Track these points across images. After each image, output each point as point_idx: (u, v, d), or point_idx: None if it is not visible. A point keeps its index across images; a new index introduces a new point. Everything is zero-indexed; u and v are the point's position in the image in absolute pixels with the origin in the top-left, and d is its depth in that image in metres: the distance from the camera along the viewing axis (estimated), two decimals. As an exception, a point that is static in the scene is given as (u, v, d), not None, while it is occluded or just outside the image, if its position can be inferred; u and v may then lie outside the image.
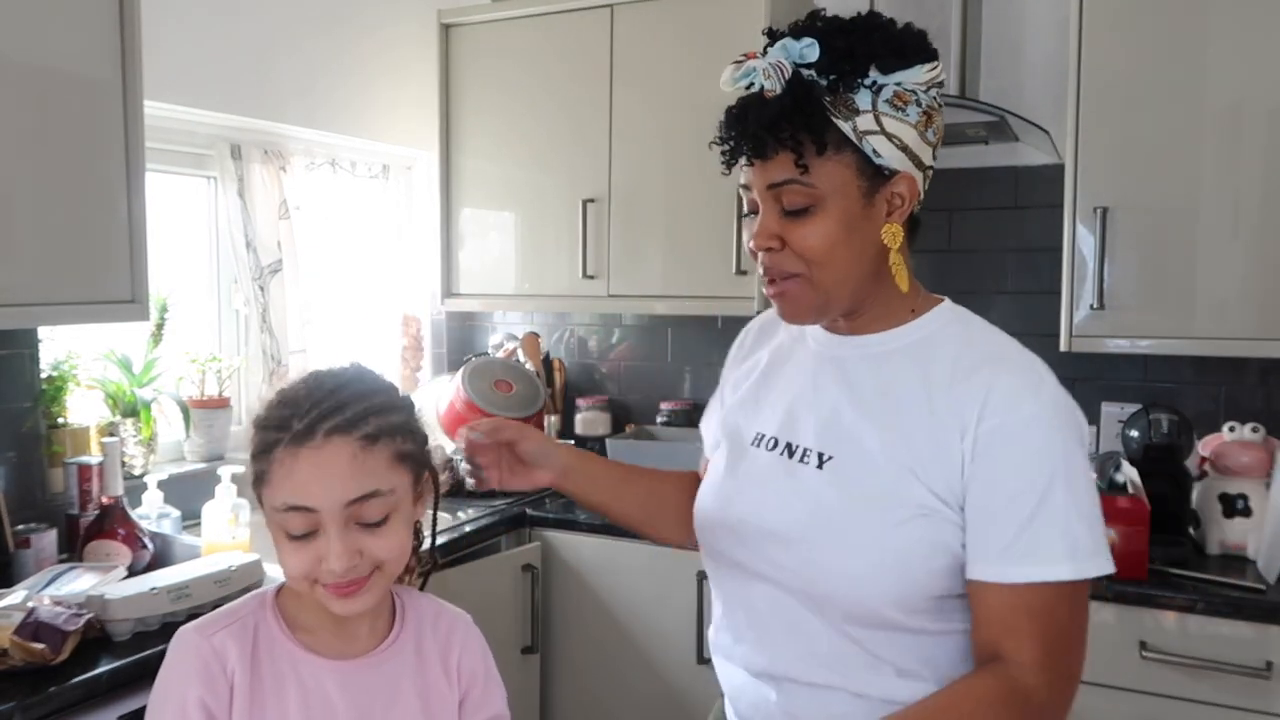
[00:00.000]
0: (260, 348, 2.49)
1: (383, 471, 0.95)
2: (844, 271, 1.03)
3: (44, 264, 1.68)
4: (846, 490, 1.03)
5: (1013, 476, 0.97)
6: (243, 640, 0.97)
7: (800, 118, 0.97)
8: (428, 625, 1.06)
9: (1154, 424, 2.17)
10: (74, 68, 1.70)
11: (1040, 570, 0.95)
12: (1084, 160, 2.13)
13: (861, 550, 1.00)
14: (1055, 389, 1.01)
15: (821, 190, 1.00)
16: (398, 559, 0.98)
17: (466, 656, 1.06)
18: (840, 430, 1.06)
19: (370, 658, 1.01)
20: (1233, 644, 1.82)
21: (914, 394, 1.03)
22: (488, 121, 2.79)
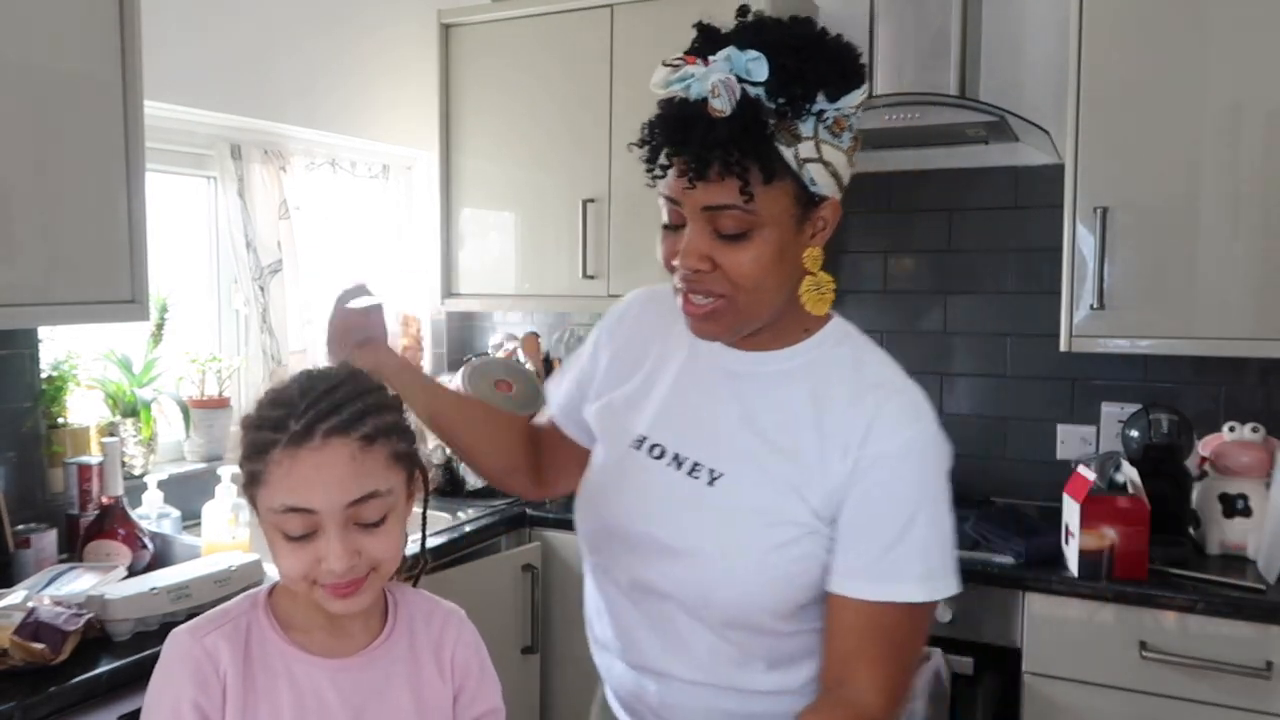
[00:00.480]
0: (260, 348, 2.49)
1: (381, 472, 0.94)
2: (769, 296, 1.03)
3: (44, 264, 1.68)
4: (737, 509, 1.05)
5: (884, 500, 1.02)
6: (235, 641, 0.97)
7: (749, 143, 0.94)
8: (420, 621, 1.05)
9: (1154, 424, 2.17)
10: (74, 68, 1.70)
11: (896, 590, 1.00)
12: (1084, 160, 2.13)
13: (749, 567, 1.04)
14: (930, 420, 1.05)
15: (761, 217, 0.98)
16: (393, 559, 0.98)
17: (460, 651, 1.05)
18: (733, 448, 1.07)
19: (363, 655, 1.00)
20: (1233, 644, 1.82)
21: (803, 415, 1.05)
22: (488, 121, 2.79)
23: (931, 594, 1.02)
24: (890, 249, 2.67)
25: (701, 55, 0.96)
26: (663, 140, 0.99)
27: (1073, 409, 2.49)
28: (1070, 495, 1.99)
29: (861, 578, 1.01)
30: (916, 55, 2.34)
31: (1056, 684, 1.96)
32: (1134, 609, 1.88)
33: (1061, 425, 2.49)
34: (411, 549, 1.08)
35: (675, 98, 0.98)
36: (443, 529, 2.25)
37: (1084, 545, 1.92)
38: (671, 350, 1.16)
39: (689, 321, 1.05)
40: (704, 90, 0.94)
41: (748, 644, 1.08)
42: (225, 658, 0.96)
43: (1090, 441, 2.46)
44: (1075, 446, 2.47)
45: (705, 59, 0.95)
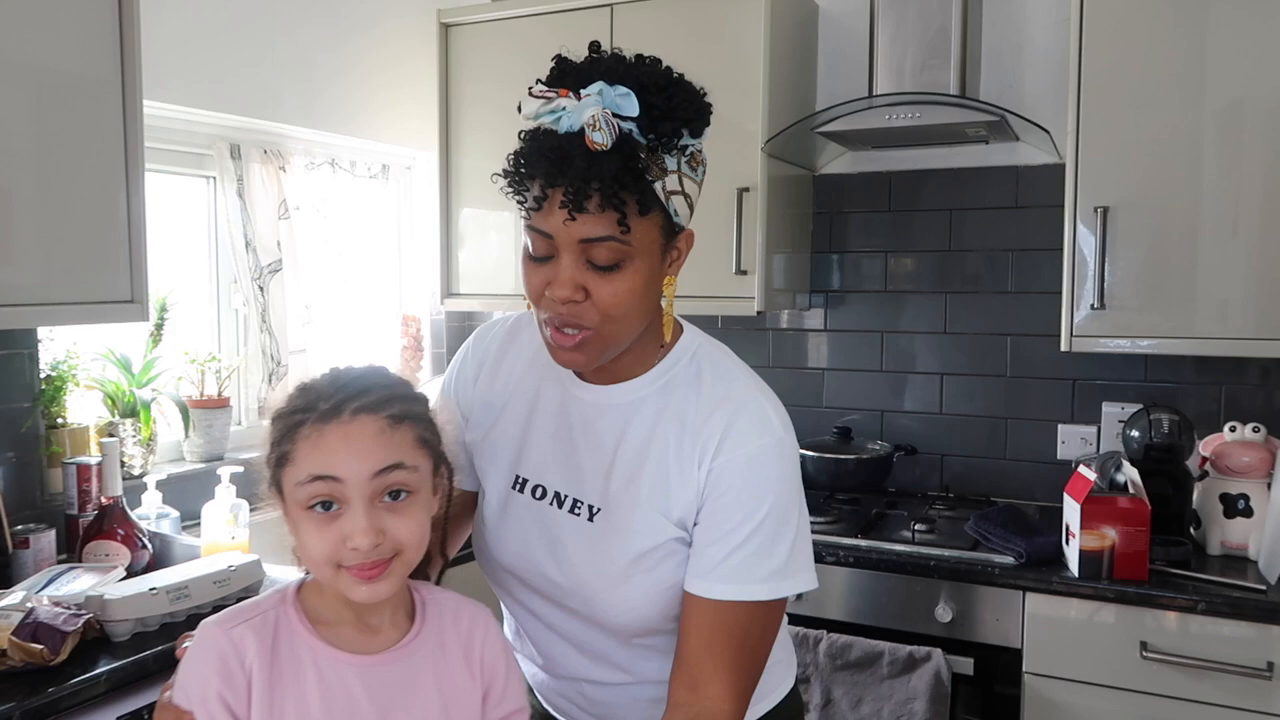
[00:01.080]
0: (260, 348, 2.49)
1: (407, 449, 0.95)
2: (634, 325, 1.06)
3: (44, 264, 1.68)
4: (618, 539, 1.09)
5: (734, 506, 1.06)
6: (262, 635, 0.97)
7: (628, 176, 0.96)
8: (449, 620, 1.04)
9: (1155, 424, 2.17)
10: (73, 67, 1.70)
11: (743, 590, 1.05)
12: (1084, 160, 2.13)
13: (637, 589, 1.09)
14: (778, 427, 1.08)
15: (635, 248, 1.00)
16: (417, 545, 0.97)
17: (488, 650, 1.04)
18: (607, 481, 1.11)
19: (392, 653, 0.99)
20: (1234, 644, 1.82)
21: (664, 438, 1.09)
22: (487, 121, 2.79)
23: (773, 593, 1.06)
24: (890, 249, 2.67)
25: (570, 88, 0.98)
26: (538, 172, 0.99)
27: (1073, 409, 2.49)
28: (1071, 495, 1.99)
29: (712, 578, 1.05)
30: (916, 55, 2.34)
31: (1056, 684, 1.96)
32: (1134, 609, 1.88)
33: (1062, 425, 2.49)
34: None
35: (541, 129, 1.00)
36: (442, 529, 2.25)
37: (1084, 545, 1.92)
38: (538, 385, 1.18)
39: (555, 353, 1.07)
40: (578, 123, 0.96)
41: (660, 644, 1.13)
42: (251, 651, 0.95)
43: (1091, 441, 2.46)
44: (1076, 446, 2.47)
45: (576, 93, 0.97)
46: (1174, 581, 1.90)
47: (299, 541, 0.97)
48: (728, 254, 2.46)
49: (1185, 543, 2.02)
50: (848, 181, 2.70)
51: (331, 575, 0.95)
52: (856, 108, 2.31)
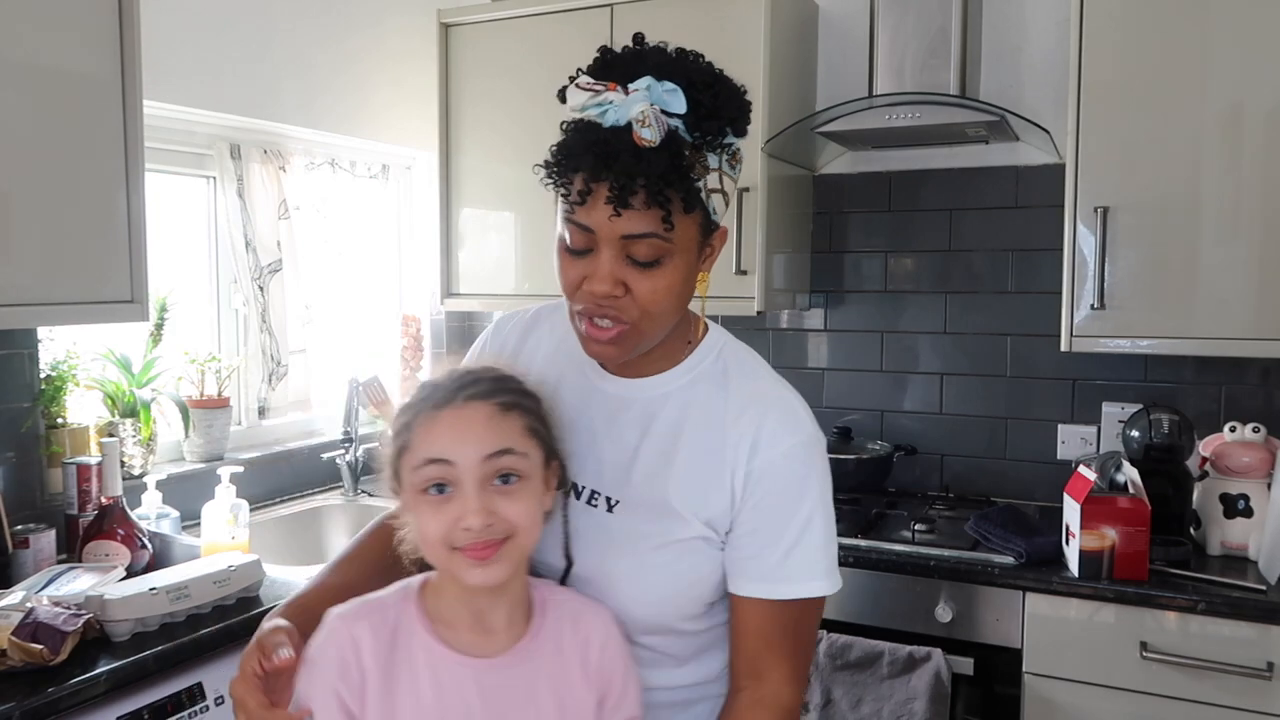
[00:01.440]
0: (260, 347, 2.49)
1: (517, 436, 0.97)
2: (670, 321, 1.06)
3: (44, 264, 1.68)
4: (637, 531, 1.08)
5: (779, 507, 1.06)
6: (380, 633, 0.98)
7: (674, 175, 0.96)
8: (567, 623, 1.03)
9: (1154, 424, 2.17)
10: (74, 67, 1.70)
11: (797, 588, 1.06)
12: (1084, 160, 2.13)
13: (655, 582, 1.08)
14: (809, 423, 1.10)
15: (675, 246, 1.00)
16: (529, 530, 0.98)
17: (607, 655, 1.03)
18: (630, 474, 1.10)
19: (508, 655, 0.99)
20: (1234, 644, 1.81)
21: (694, 434, 1.09)
22: (488, 121, 2.79)
23: (831, 587, 1.08)
24: (890, 249, 2.67)
25: (617, 82, 0.97)
26: (582, 165, 0.98)
27: (1073, 409, 2.49)
28: (1071, 495, 1.99)
29: (769, 580, 1.06)
30: (916, 55, 2.34)
31: (1056, 684, 1.96)
32: (1134, 609, 1.88)
33: (1062, 425, 2.49)
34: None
35: (585, 121, 0.99)
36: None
37: (1084, 545, 1.92)
38: (558, 376, 1.17)
39: (589, 345, 1.06)
40: (625, 118, 0.95)
41: (661, 646, 1.12)
42: (367, 649, 0.97)
43: (1091, 441, 2.46)
44: (1076, 446, 2.47)
45: (624, 87, 0.97)
46: (1174, 582, 1.90)
47: (418, 527, 0.98)
48: (728, 254, 2.46)
49: (1185, 543, 2.02)
50: (848, 181, 2.70)
51: (446, 558, 0.96)
52: (856, 108, 2.31)
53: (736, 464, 1.06)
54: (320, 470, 2.62)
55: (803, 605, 1.07)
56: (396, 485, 1.00)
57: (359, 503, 2.57)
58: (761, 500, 1.06)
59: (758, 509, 1.06)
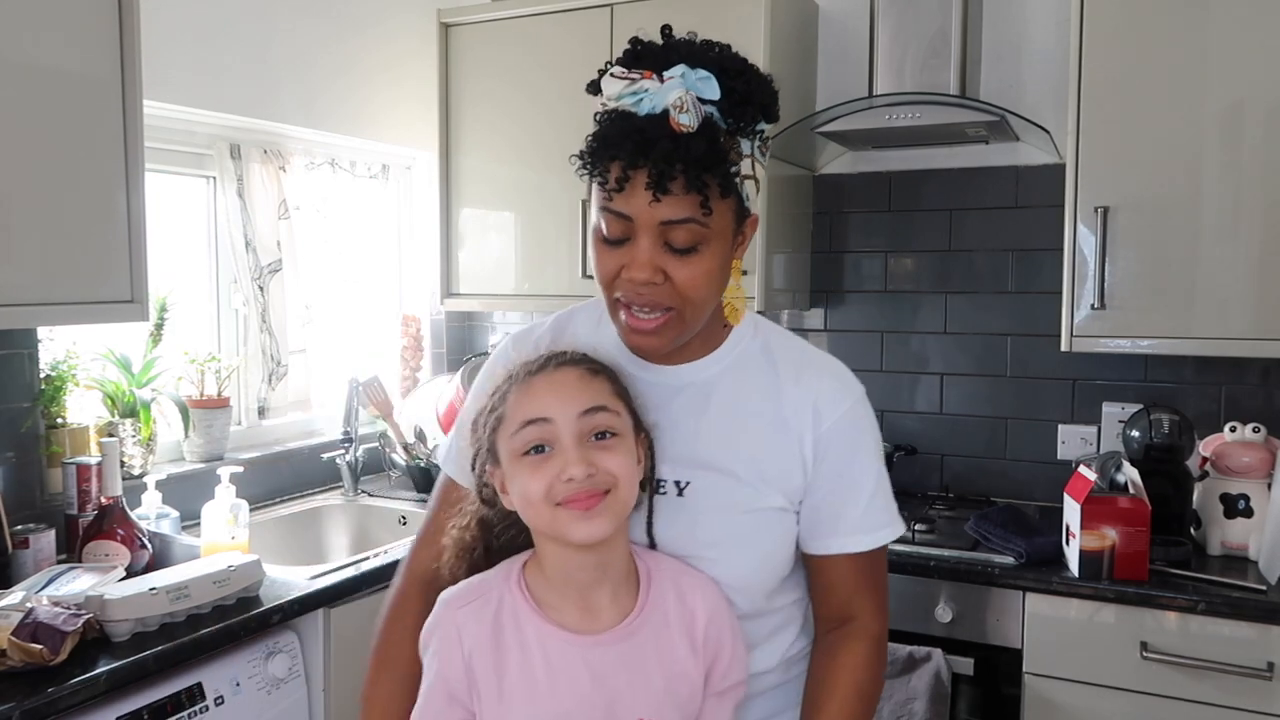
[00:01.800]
0: (260, 347, 2.49)
1: (609, 397, 1.00)
2: (708, 307, 1.07)
3: (44, 264, 1.68)
4: (711, 509, 1.09)
5: (851, 464, 1.12)
6: (482, 617, 1.00)
7: (712, 159, 0.97)
8: (671, 594, 1.03)
9: (1155, 424, 2.17)
10: (73, 68, 1.70)
11: (880, 535, 1.13)
12: (1084, 160, 2.13)
13: (736, 558, 1.09)
14: (856, 381, 1.16)
15: (712, 231, 1.01)
16: (628, 484, 0.99)
17: (713, 626, 1.04)
18: (694, 454, 1.10)
19: (615, 632, 1.00)
20: (1234, 645, 1.81)
21: (753, 408, 1.11)
22: (487, 121, 2.79)
23: (902, 527, 1.16)
24: (890, 249, 2.67)
25: (652, 70, 0.98)
26: (620, 154, 0.98)
27: (1073, 409, 2.48)
28: (1071, 495, 1.99)
29: (853, 533, 1.12)
30: (916, 55, 2.34)
31: (1056, 684, 1.96)
32: (1135, 609, 1.88)
33: (1062, 425, 2.49)
34: None
35: (619, 111, 1.00)
36: (442, 529, 2.25)
37: (1085, 545, 1.92)
38: None
39: (631, 336, 1.06)
40: (661, 105, 0.97)
41: (751, 633, 1.12)
42: (470, 634, 0.99)
43: (1091, 441, 2.46)
44: (1076, 446, 2.47)
45: (659, 75, 0.98)
46: (1174, 582, 1.90)
47: (518, 493, 0.99)
48: (728, 254, 2.47)
49: (1185, 543, 2.02)
50: (848, 181, 2.70)
51: (550, 517, 0.97)
52: (856, 108, 2.31)
53: (802, 432, 1.10)
54: (320, 470, 2.62)
55: (881, 550, 1.14)
56: (494, 465, 1.02)
57: (359, 503, 2.57)
58: (834, 462, 1.10)
59: (832, 471, 1.10)
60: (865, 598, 1.14)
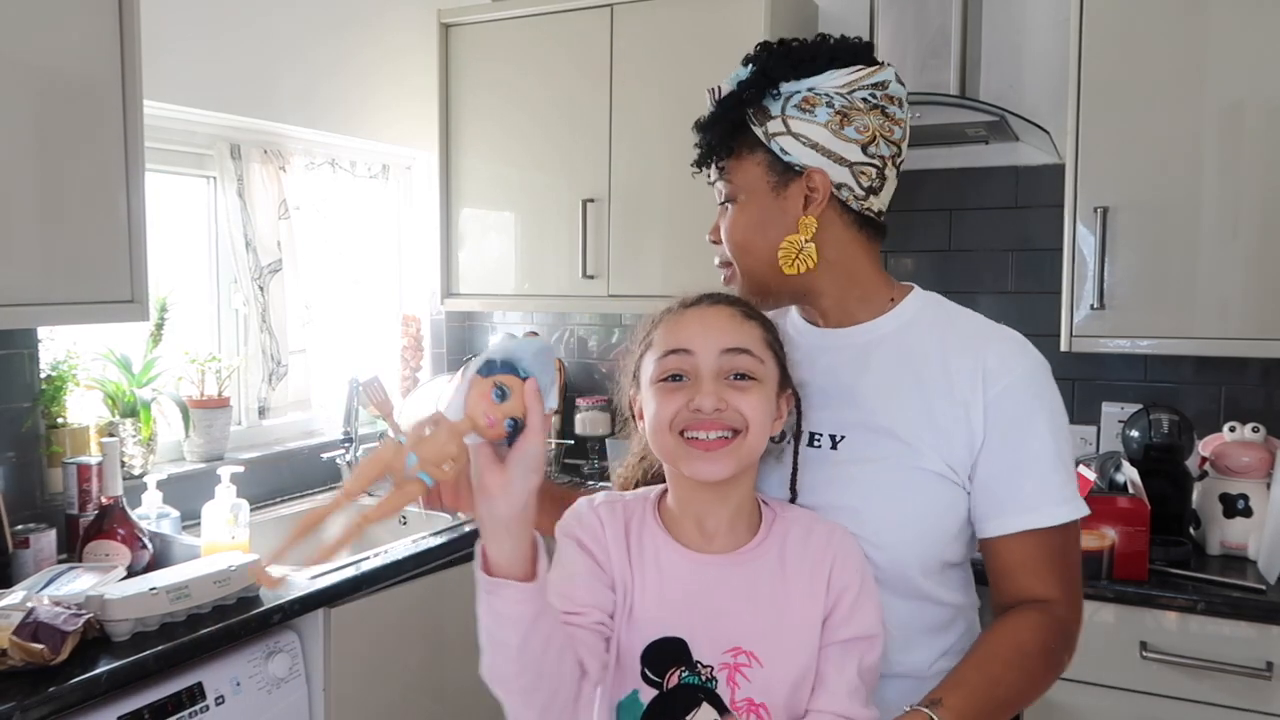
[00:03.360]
0: (260, 347, 2.49)
1: (756, 342, 1.02)
2: (760, 257, 1.12)
3: (44, 264, 1.68)
4: (867, 461, 1.08)
5: (1027, 432, 1.06)
6: (618, 517, 1.04)
7: (720, 128, 1.13)
8: (795, 538, 1.03)
9: (1154, 424, 2.17)
10: (74, 68, 1.70)
11: (1063, 511, 1.05)
12: (1084, 160, 2.13)
13: (889, 513, 1.06)
14: (1034, 349, 1.11)
15: (738, 187, 1.13)
16: (759, 428, 1.00)
17: (839, 570, 1.01)
18: (847, 412, 1.10)
19: (729, 556, 1.02)
20: (1233, 644, 1.82)
21: (920, 369, 1.09)
22: (487, 121, 2.79)
23: (1084, 507, 1.07)
24: (890, 249, 2.66)
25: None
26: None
27: (1073, 409, 2.49)
28: (1070, 495, 1.99)
29: (1036, 508, 1.05)
30: (916, 55, 2.34)
31: (1056, 684, 1.94)
32: (1134, 609, 1.88)
33: (1062, 425, 2.49)
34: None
35: None
36: (442, 529, 2.25)
37: (1084, 545, 1.91)
38: None
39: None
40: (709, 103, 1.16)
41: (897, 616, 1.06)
42: (610, 530, 1.03)
43: (1090, 441, 2.46)
44: (1075, 446, 2.47)
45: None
46: (1174, 581, 1.90)
47: (649, 418, 1.02)
48: (728, 254, 2.47)
49: (1185, 543, 2.02)
50: (848, 181, 2.70)
51: (673, 445, 1.00)
52: (856, 108, 2.31)
53: (971, 399, 1.06)
54: (320, 470, 2.62)
55: (1066, 530, 1.06)
56: (634, 389, 1.07)
57: (359, 502, 2.57)
58: (1007, 430, 1.06)
59: (1006, 439, 1.06)
60: (1052, 584, 1.05)
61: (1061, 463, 1.07)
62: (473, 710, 2.12)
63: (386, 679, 1.97)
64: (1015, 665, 1.01)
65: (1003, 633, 1.04)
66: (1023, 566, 1.06)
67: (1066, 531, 1.06)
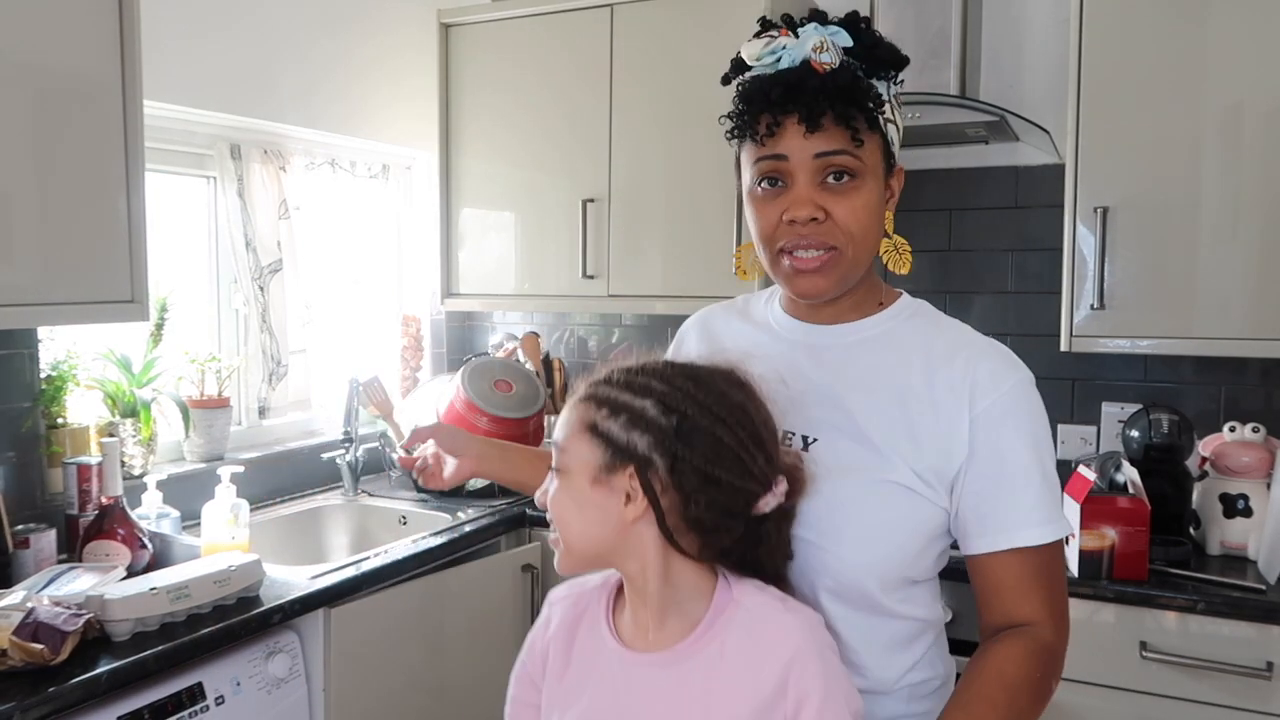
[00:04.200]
0: (260, 348, 2.49)
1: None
2: (870, 248, 1.07)
3: (44, 264, 1.68)
4: (837, 468, 1.04)
5: (1018, 447, 1.04)
6: (572, 613, 1.01)
7: (856, 92, 1.01)
8: (739, 627, 0.93)
9: (1154, 424, 2.17)
10: (74, 68, 1.70)
11: (1050, 530, 1.03)
12: (1084, 160, 2.13)
13: (850, 522, 1.03)
14: (1023, 365, 1.09)
15: (866, 165, 1.03)
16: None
17: (797, 674, 0.91)
18: (824, 414, 1.07)
19: (664, 654, 0.94)
20: (1233, 644, 1.82)
21: (892, 379, 1.07)
22: (487, 121, 2.79)
23: (1069, 527, 1.06)
24: (890, 249, 2.67)
25: (789, 29, 1.03)
26: (768, 105, 1.02)
27: (1073, 409, 2.49)
28: (1070, 495, 1.99)
29: (1021, 527, 1.03)
30: (916, 55, 2.34)
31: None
32: (1134, 609, 1.88)
33: (1062, 425, 2.49)
34: None
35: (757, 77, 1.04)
36: (442, 529, 2.25)
37: (1084, 545, 1.92)
38: (748, 339, 1.17)
39: (797, 281, 1.06)
40: (799, 57, 1.01)
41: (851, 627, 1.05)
42: (555, 625, 1.01)
43: (1090, 441, 2.46)
44: (1075, 446, 2.47)
45: (794, 32, 1.02)
46: (1174, 581, 1.90)
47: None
48: (728, 254, 2.47)
49: (1185, 543, 2.02)
50: (848, 181, 2.70)
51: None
52: (856, 108, 2.30)
53: (957, 412, 1.03)
54: (320, 470, 2.62)
55: (1052, 549, 1.04)
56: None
57: (359, 503, 2.57)
58: (994, 445, 1.03)
59: (992, 454, 1.03)
60: (1037, 604, 1.03)
61: (1046, 482, 1.04)
62: (472, 710, 2.12)
63: (386, 679, 1.97)
64: (1002, 705, 0.99)
65: (987, 669, 1.01)
66: (1008, 586, 1.04)
67: (1052, 550, 1.05)
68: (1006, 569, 1.04)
